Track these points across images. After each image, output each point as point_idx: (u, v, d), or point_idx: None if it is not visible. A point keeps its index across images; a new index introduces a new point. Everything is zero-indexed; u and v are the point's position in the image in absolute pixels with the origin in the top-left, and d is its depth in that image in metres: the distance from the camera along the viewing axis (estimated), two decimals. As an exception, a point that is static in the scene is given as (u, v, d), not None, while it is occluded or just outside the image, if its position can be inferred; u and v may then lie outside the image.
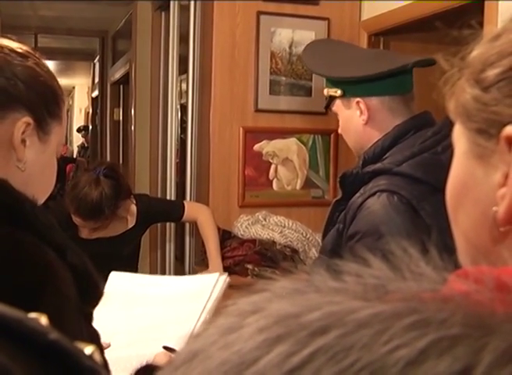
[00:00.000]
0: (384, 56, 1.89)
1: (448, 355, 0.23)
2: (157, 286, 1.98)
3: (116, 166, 2.88)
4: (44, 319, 0.37)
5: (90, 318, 0.94)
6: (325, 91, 1.82)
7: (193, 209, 2.91)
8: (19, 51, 1.03)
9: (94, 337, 0.95)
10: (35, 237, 0.88)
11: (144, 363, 1.39)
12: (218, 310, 1.82)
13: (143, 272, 3.61)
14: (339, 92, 1.76)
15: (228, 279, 1.93)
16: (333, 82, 1.78)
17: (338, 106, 1.80)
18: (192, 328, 1.64)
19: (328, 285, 0.29)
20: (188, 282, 2.03)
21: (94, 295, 0.94)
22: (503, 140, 0.56)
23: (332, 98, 1.80)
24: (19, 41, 1.07)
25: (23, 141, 1.01)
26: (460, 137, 0.63)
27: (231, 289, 1.92)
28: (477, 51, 0.60)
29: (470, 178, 0.61)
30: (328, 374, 0.23)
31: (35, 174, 1.05)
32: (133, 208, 2.78)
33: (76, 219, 2.57)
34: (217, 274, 1.98)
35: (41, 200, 1.08)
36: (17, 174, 1.01)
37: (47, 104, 1.05)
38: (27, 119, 1.01)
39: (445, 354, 0.23)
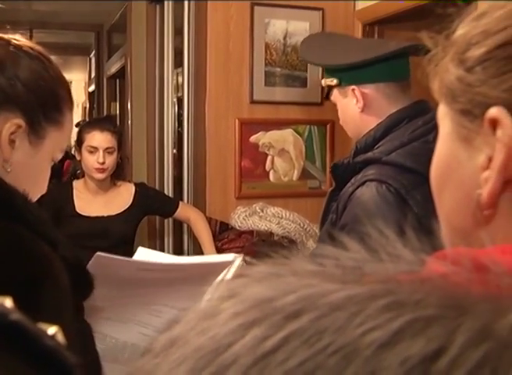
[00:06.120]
0: (376, 44, 1.90)
1: (422, 336, 0.22)
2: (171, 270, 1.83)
3: None
4: (8, 302, 0.37)
5: (82, 310, 0.94)
6: (323, 82, 1.84)
7: (186, 209, 3.05)
8: (29, 51, 1.02)
9: (86, 330, 0.95)
10: (28, 230, 0.88)
11: None
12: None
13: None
14: (335, 81, 1.77)
15: (242, 261, 1.66)
16: (329, 71, 1.80)
17: (335, 96, 1.81)
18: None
19: (305, 268, 0.29)
20: (204, 266, 1.74)
21: (85, 288, 0.94)
22: (487, 122, 0.55)
23: (330, 88, 1.81)
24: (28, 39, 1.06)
25: (12, 142, 1.00)
26: (444, 117, 0.61)
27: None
28: (461, 30, 0.58)
29: (453, 160, 0.60)
30: (302, 358, 0.23)
31: (22, 177, 1.03)
32: (132, 188, 2.91)
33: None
34: (232, 255, 1.70)
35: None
36: (3, 174, 1.00)
37: (45, 108, 1.03)
38: (19, 121, 1.00)
39: (419, 335, 0.22)
